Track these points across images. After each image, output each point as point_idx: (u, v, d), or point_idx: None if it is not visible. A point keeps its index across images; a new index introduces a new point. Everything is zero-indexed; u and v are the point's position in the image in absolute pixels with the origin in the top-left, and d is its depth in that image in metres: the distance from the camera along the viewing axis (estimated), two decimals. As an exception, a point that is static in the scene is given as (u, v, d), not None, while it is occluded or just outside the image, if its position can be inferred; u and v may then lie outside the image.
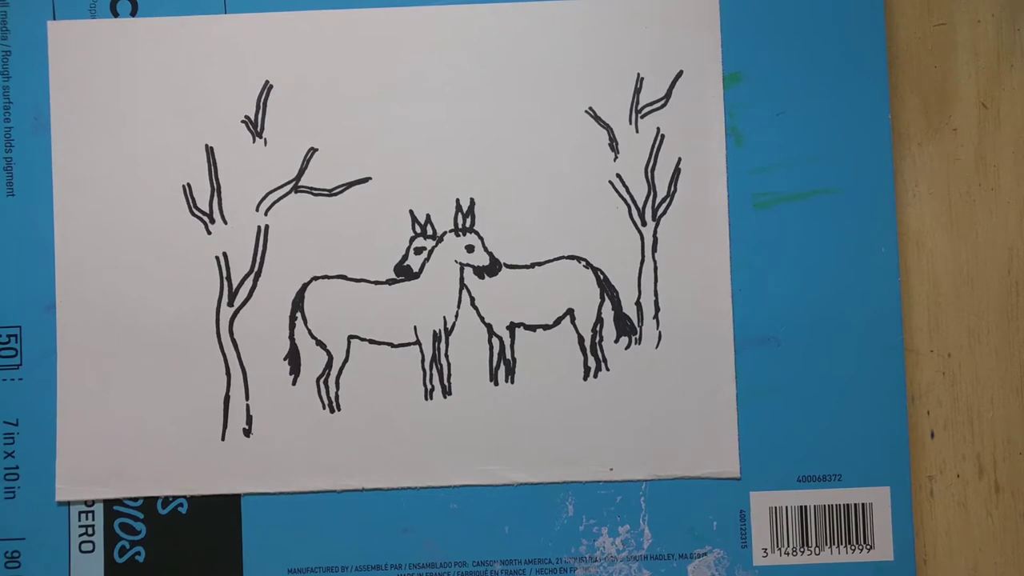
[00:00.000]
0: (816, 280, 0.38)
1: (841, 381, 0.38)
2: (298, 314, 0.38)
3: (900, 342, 0.38)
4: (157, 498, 0.37)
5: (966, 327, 0.39)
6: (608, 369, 0.38)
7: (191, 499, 0.38)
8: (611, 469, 0.37)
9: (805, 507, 0.38)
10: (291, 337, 0.38)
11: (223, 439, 0.37)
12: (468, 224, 0.38)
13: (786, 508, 0.38)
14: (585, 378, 0.38)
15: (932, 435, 0.39)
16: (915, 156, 0.39)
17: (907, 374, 0.38)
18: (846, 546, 0.38)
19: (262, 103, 0.38)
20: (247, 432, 0.37)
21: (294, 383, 0.38)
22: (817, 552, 0.38)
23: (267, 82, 0.38)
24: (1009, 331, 0.39)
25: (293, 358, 0.38)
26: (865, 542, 0.38)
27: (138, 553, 0.38)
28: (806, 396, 0.38)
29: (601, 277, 0.38)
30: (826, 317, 0.38)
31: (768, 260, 0.38)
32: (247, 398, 0.38)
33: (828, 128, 0.38)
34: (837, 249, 0.38)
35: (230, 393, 0.38)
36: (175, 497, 0.37)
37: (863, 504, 0.38)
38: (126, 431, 0.37)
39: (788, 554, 0.38)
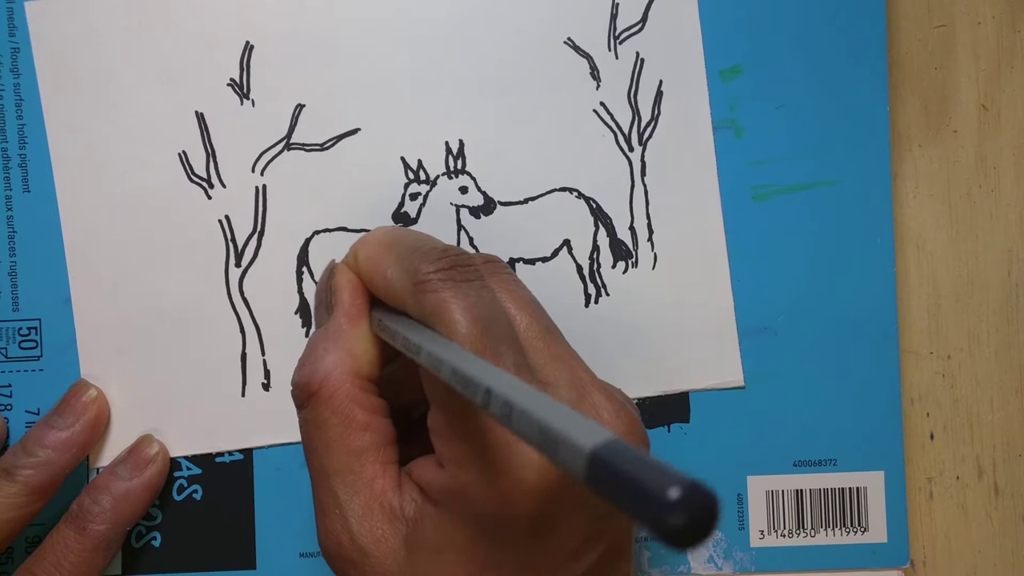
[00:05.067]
0: (814, 271, 0.39)
1: (837, 369, 0.39)
2: (304, 268, 0.39)
3: (895, 332, 0.39)
4: (173, 484, 0.39)
5: (966, 329, 0.39)
6: (608, 294, 0.39)
7: (206, 484, 0.39)
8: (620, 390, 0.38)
9: (801, 491, 0.39)
10: (300, 291, 0.39)
11: (243, 395, 0.39)
12: (459, 166, 0.39)
13: (782, 492, 0.39)
14: (587, 305, 0.39)
15: (932, 437, 0.39)
16: (915, 158, 0.39)
17: (907, 376, 0.39)
18: (841, 528, 0.39)
19: (245, 64, 0.38)
20: (266, 386, 0.39)
21: (307, 335, 0.39)
22: (812, 534, 0.39)
23: (248, 43, 0.38)
24: (1009, 333, 0.39)
25: (304, 311, 0.39)
26: (859, 524, 0.39)
27: (154, 538, 0.39)
28: (802, 384, 0.39)
29: (594, 206, 0.39)
30: (823, 307, 0.39)
31: (766, 252, 0.39)
32: (263, 354, 0.39)
33: (827, 120, 0.38)
34: (835, 241, 0.39)
35: (246, 351, 0.39)
36: (194, 467, 0.39)
37: (857, 488, 0.39)
38: (150, 405, 0.39)
39: (784, 536, 0.39)
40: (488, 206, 0.39)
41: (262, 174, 0.39)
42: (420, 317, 0.28)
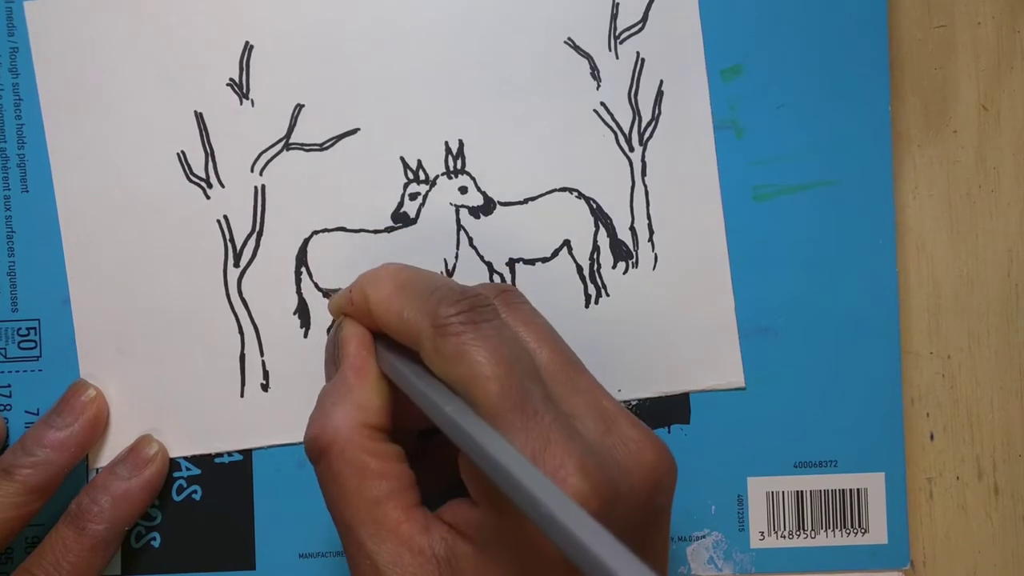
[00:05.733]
0: (814, 271, 0.39)
1: (837, 369, 0.39)
2: (303, 268, 0.39)
3: (896, 333, 0.39)
4: (172, 484, 0.39)
5: (966, 329, 0.39)
6: (608, 295, 0.39)
7: (206, 485, 0.39)
8: (619, 390, 0.38)
9: (801, 492, 0.39)
10: (299, 291, 0.39)
11: (242, 396, 0.39)
12: (459, 166, 0.38)
13: (783, 493, 0.39)
14: (587, 305, 0.39)
15: (932, 437, 0.39)
16: (915, 158, 0.39)
17: (907, 376, 0.39)
18: (841, 529, 0.39)
19: (245, 64, 0.38)
20: (264, 387, 0.39)
21: (306, 335, 0.39)
22: (813, 536, 0.39)
23: (247, 43, 0.38)
24: (1009, 333, 0.39)
25: (302, 312, 0.39)
26: (860, 526, 0.39)
27: (153, 539, 0.39)
28: (802, 384, 0.39)
29: (594, 206, 0.39)
30: (823, 307, 0.39)
31: (767, 252, 0.39)
32: (262, 354, 0.39)
33: (828, 120, 0.38)
34: (835, 241, 0.39)
35: (245, 351, 0.39)
36: (194, 467, 0.39)
37: (858, 489, 0.39)
38: (149, 405, 0.39)
39: (784, 537, 0.39)
40: (488, 206, 0.39)
41: (261, 174, 0.39)
42: (438, 359, 0.28)
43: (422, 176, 0.38)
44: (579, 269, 0.39)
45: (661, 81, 0.38)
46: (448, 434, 0.27)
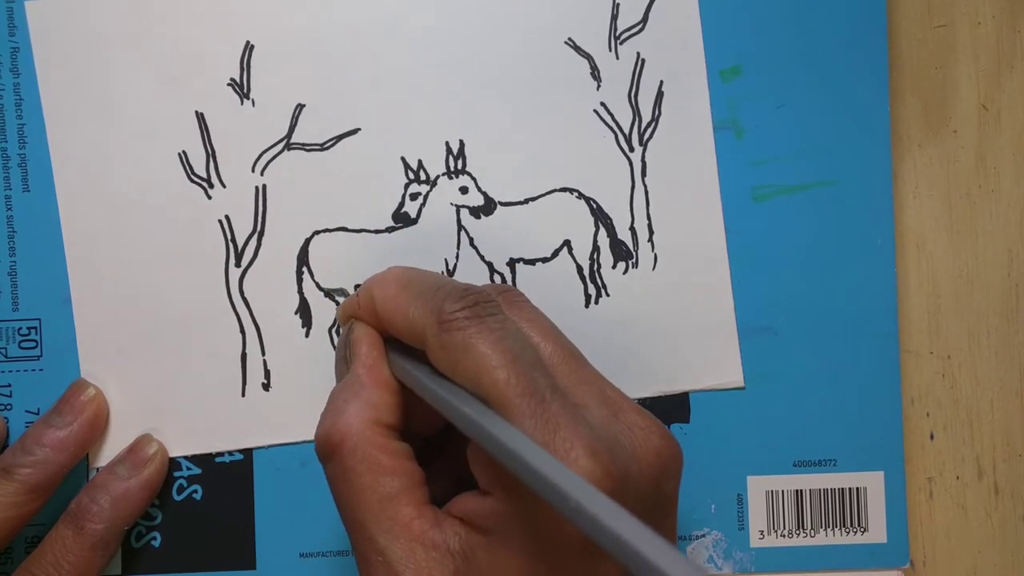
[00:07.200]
0: (814, 271, 0.39)
1: (837, 369, 0.39)
2: (304, 268, 0.39)
3: (895, 332, 0.39)
4: (172, 484, 0.39)
5: (966, 329, 0.39)
6: (608, 295, 0.39)
7: (206, 484, 0.39)
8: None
9: (801, 491, 0.39)
10: (300, 291, 0.39)
11: (243, 395, 0.39)
12: (460, 166, 0.39)
13: (782, 492, 0.39)
14: (587, 305, 0.39)
15: (932, 437, 0.39)
16: (915, 158, 0.39)
17: (907, 376, 0.39)
18: (841, 529, 0.39)
19: (245, 64, 0.38)
20: (266, 386, 0.39)
21: (307, 335, 0.39)
22: (812, 534, 0.39)
23: (248, 42, 0.38)
24: (1009, 333, 0.39)
25: (304, 311, 0.39)
26: (859, 525, 0.39)
27: (154, 538, 0.39)
28: (802, 384, 0.39)
29: (594, 206, 0.39)
30: (823, 307, 0.39)
31: (766, 252, 0.39)
32: (263, 354, 0.39)
33: (828, 120, 0.39)
34: (835, 241, 0.39)
35: (246, 351, 0.39)
36: (194, 467, 0.39)
37: (857, 488, 0.39)
38: (149, 405, 0.39)
39: (784, 536, 0.39)
40: (488, 206, 0.39)
41: (262, 174, 0.39)
42: (444, 354, 0.28)
43: (423, 176, 0.39)
44: (579, 269, 0.39)
45: (661, 81, 0.38)
46: (460, 427, 0.27)
